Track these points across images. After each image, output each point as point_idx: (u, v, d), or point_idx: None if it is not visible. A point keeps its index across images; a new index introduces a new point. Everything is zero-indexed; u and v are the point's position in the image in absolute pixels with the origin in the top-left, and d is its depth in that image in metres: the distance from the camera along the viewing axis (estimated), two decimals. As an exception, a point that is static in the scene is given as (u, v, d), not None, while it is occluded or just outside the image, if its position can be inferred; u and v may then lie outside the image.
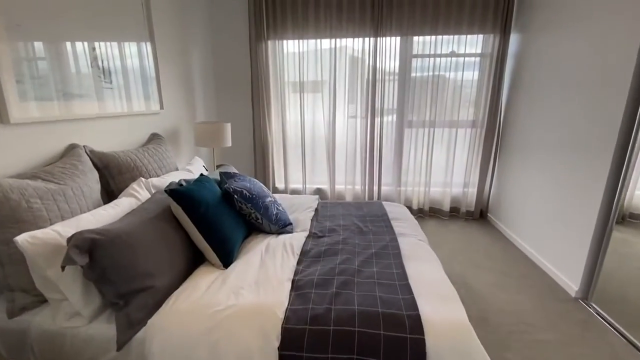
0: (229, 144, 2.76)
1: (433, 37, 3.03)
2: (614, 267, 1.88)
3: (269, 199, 1.78)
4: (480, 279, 2.27)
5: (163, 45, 2.42)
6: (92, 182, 1.54)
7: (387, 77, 3.17)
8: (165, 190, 1.35)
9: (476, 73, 3.12)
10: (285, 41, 3.20)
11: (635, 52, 1.69)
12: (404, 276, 1.31)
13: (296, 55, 3.19)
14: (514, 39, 2.93)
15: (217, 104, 3.45)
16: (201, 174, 1.75)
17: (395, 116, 3.32)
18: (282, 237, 1.65)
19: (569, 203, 2.18)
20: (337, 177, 3.51)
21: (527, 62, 2.74)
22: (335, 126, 3.34)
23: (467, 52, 3.07)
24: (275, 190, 3.59)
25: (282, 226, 1.74)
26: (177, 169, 2.24)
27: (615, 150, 1.81)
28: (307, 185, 3.56)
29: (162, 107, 2.40)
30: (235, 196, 1.61)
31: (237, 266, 1.39)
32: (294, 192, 3.60)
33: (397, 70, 3.17)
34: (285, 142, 3.42)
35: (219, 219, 1.45)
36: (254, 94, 3.30)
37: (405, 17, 2.98)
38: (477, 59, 3.09)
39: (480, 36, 3.01)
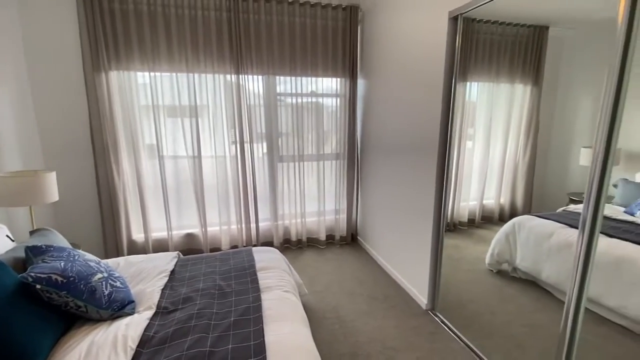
0: (55, 198, 2.18)
1: (294, 78, 3.18)
2: (450, 273, 2.20)
3: (99, 275, 1.42)
4: (352, 308, 2.37)
5: None
6: None
7: (253, 115, 3.14)
8: None
9: (335, 110, 3.41)
10: (134, 72, 2.81)
11: (441, 80, 2.08)
12: (261, 349, 1.19)
13: (148, 79, 2.83)
14: (361, 83, 3.34)
15: (43, 148, 2.73)
16: (-14, 259, 1.27)
17: (265, 151, 3.31)
18: (117, 324, 1.32)
19: (410, 219, 2.54)
20: (210, 218, 3.22)
21: (371, 102, 3.15)
22: (202, 161, 3.07)
23: (325, 92, 3.33)
24: (133, 245, 3.03)
25: (119, 308, 1.40)
26: (-43, 247, 1.61)
27: (437, 165, 2.15)
28: (173, 232, 3.14)
29: None
30: (38, 286, 1.21)
31: (35, 391, 1.02)
32: (157, 242, 3.13)
33: (262, 109, 3.18)
34: (140, 183, 2.95)
35: (1, 328, 1.05)
36: (94, 129, 2.75)
37: (264, 59, 3.03)
38: (335, 98, 3.38)
39: (336, 79, 3.32)
